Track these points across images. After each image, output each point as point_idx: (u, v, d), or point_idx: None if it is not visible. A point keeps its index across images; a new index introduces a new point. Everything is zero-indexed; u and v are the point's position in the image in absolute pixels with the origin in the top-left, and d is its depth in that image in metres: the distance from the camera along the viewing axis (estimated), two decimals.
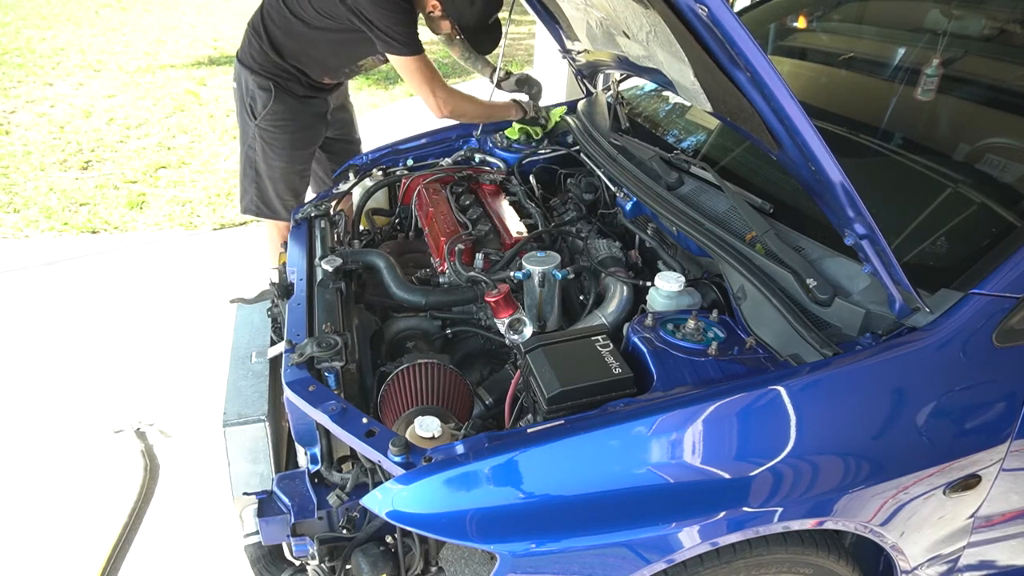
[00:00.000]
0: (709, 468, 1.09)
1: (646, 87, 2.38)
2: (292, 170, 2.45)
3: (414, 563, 1.18)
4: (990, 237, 1.26)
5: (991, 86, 1.72)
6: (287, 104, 2.33)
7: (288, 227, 2.07)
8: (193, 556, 1.99)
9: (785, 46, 2.36)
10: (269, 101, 2.31)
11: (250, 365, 1.56)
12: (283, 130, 2.37)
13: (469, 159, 2.28)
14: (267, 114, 2.34)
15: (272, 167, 2.43)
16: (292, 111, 2.35)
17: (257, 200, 2.49)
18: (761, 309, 1.29)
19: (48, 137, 5.23)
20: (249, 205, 2.51)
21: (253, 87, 2.32)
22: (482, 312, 1.61)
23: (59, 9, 10.35)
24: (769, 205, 1.47)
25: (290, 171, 2.45)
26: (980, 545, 1.37)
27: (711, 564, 1.16)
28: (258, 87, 2.31)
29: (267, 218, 2.54)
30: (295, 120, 2.36)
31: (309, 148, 2.48)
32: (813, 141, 1.03)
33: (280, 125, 2.36)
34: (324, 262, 1.59)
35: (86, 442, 2.37)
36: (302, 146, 2.44)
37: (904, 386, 1.16)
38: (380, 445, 1.11)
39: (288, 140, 2.39)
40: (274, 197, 2.48)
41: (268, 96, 2.31)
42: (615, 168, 1.83)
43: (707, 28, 1.02)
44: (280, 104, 2.32)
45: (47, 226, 3.91)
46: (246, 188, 2.49)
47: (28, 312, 3.12)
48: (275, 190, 2.47)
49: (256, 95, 2.32)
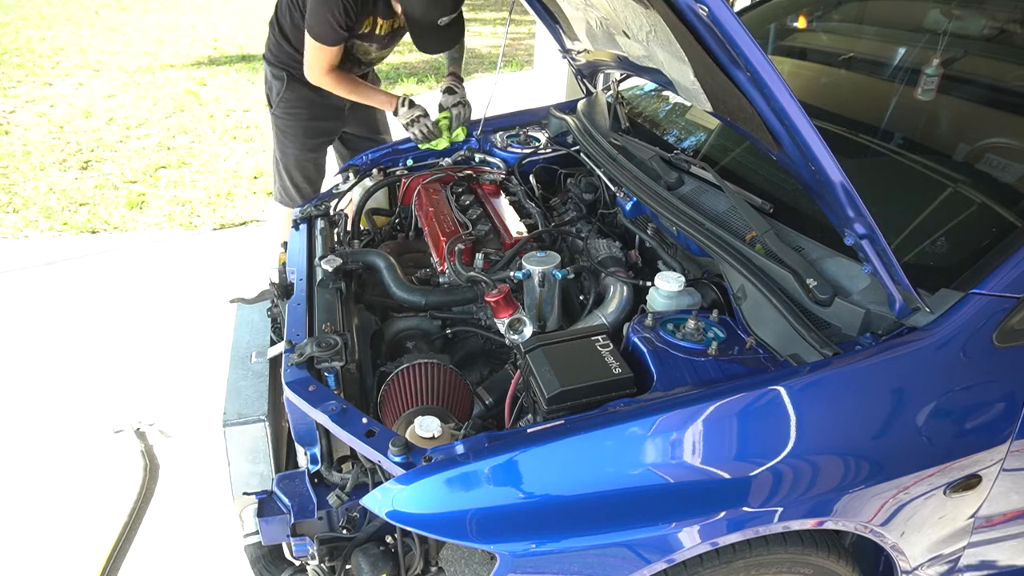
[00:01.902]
0: (709, 468, 1.09)
1: (646, 87, 2.38)
2: (304, 158, 2.58)
3: (414, 563, 1.18)
4: (990, 237, 1.26)
5: (991, 86, 1.72)
6: (299, 93, 2.46)
7: None
8: (193, 556, 1.99)
9: (785, 46, 2.36)
10: (282, 89, 2.47)
11: (250, 365, 1.56)
12: (296, 118, 2.51)
13: (469, 159, 2.28)
14: (280, 101, 2.49)
15: (287, 155, 2.57)
16: (305, 100, 2.48)
17: (281, 190, 2.65)
18: (761, 309, 1.29)
19: (48, 137, 5.23)
20: (277, 193, 2.68)
21: (271, 78, 2.50)
22: (482, 312, 1.61)
23: (59, 9, 10.35)
24: (769, 205, 1.47)
25: (303, 159, 2.58)
26: (980, 545, 1.37)
27: (711, 564, 1.16)
28: (274, 77, 2.49)
29: (289, 207, 2.66)
30: (308, 109, 2.50)
31: (320, 138, 2.59)
32: (813, 141, 1.03)
33: (293, 113, 2.50)
34: (324, 262, 1.59)
35: (86, 442, 2.37)
36: (314, 135, 2.56)
37: (904, 386, 1.16)
38: (380, 445, 1.11)
39: (301, 128, 2.53)
40: (291, 186, 2.62)
41: (281, 84, 2.47)
42: (615, 168, 1.83)
43: (707, 28, 1.02)
44: (292, 92, 2.46)
45: (47, 226, 3.91)
46: (275, 178, 2.66)
47: (28, 312, 3.12)
48: (291, 178, 2.61)
49: (272, 84, 2.50)
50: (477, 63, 8.21)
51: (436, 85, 7.11)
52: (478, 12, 12.17)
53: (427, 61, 8.22)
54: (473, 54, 8.67)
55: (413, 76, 7.41)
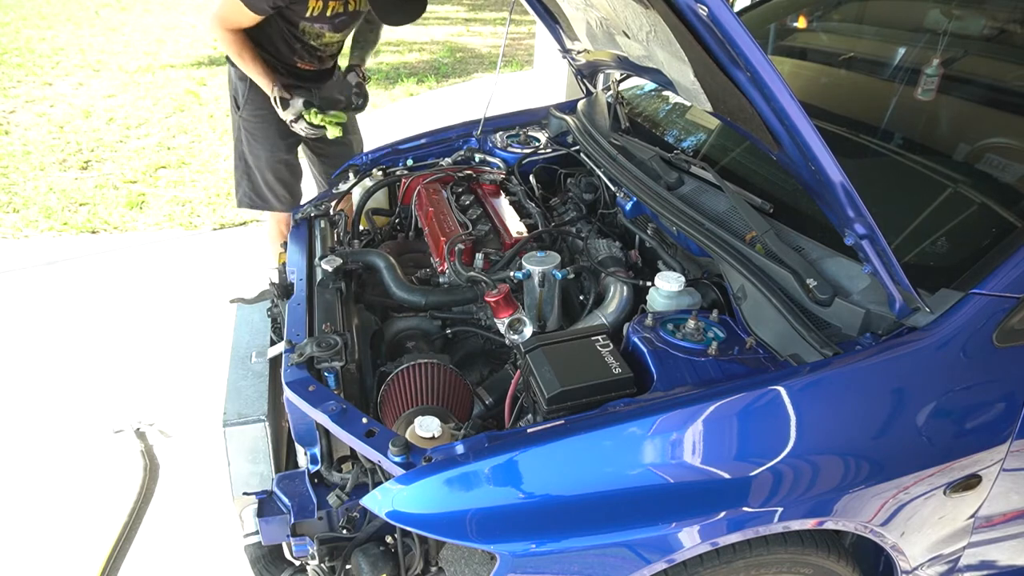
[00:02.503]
0: (709, 468, 1.09)
1: (646, 87, 2.38)
2: (276, 159, 2.51)
3: (414, 563, 1.18)
4: (990, 237, 1.26)
5: (991, 86, 1.72)
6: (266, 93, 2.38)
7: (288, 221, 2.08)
8: (193, 556, 1.99)
9: (785, 46, 2.36)
10: (247, 90, 2.40)
11: (250, 365, 1.56)
12: (264, 119, 2.44)
13: (469, 159, 2.28)
14: (247, 103, 2.42)
15: (258, 157, 2.50)
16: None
17: (250, 192, 2.56)
18: (761, 309, 1.29)
19: (48, 137, 5.23)
20: (243, 198, 2.58)
21: (235, 79, 2.42)
22: (482, 312, 1.61)
23: (59, 9, 10.35)
24: (769, 205, 1.47)
25: (274, 160, 2.51)
26: (980, 545, 1.37)
27: (711, 564, 1.16)
28: (238, 78, 2.40)
29: (261, 209, 2.61)
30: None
31: (291, 139, 2.53)
32: (813, 141, 1.03)
33: (260, 115, 2.43)
34: (324, 262, 1.59)
35: (86, 442, 2.37)
36: (284, 135, 2.50)
37: (904, 386, 1.16)
38: (380, 445, 1.11)
39: (272, 130, 2.46)
40: (264, 188, 2.54)
41: (246, 85, 2.39)
42: (615, 168, 1.83)
43: (707, 28, 1.02)
44: (259, 93, 2.38)
45: (47, 226, 3.91)
46: (239, 181, 2.57)
47: (28, 312, 3.12)
48: (264, 181, 2.53)
49: (238, 86, 2.42)
50: (477, 63, 8.21)
51: (436, 85, 7.11)
52: (478, 12, 12.18)
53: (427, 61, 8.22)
54: (473, 54, 8.67)
55: (413, 76, 7.41)
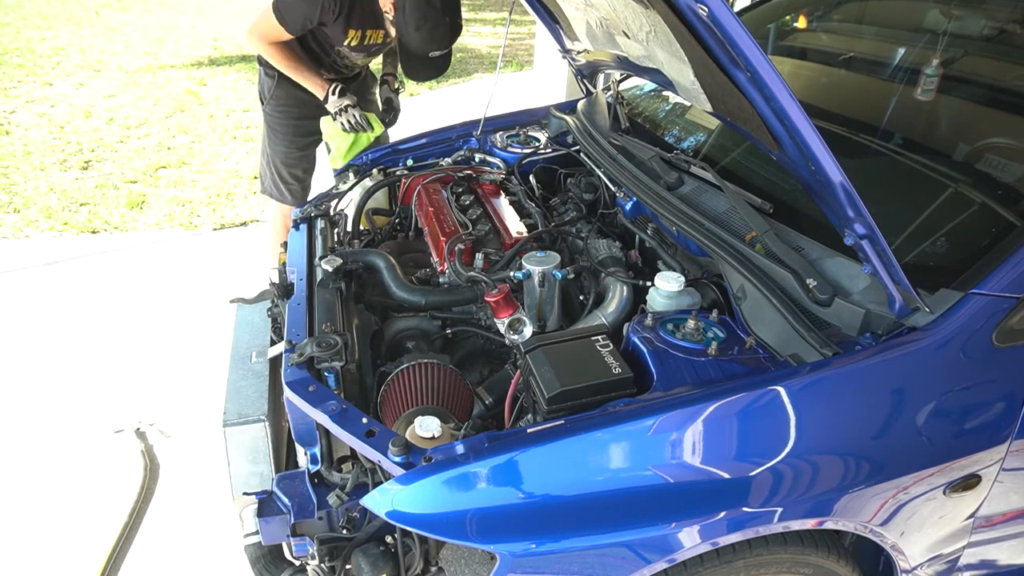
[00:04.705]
0: (709, 468, 1.09)
1: (646, 87, 2.38)
2: (292, 155, 2.65)
3: (414, 563, 1.18)
4: (990, 237, 1.26)
5: (991, 86, 1.72)
6: (290, 92, 2.52)
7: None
8: (193, 556, 1.99)
9: (785, 46, 2.36)
10: (273, 87, 2.54)
11: (250, 365, 1.56)
12: (285, 115, 2.58)
13: (469, 159, 2.28)
14: (271, 99, 2.57)
15: (276, 151, 2.65)
16: (296, 99, 2.54)
17: (271, 183, 2.72)
18: (761, 309, 1.29)
19: (48, 137, 5.23)
20: (266, 187, 2.74)
21: (263, 76, 2.58)
22: (482, 312, 1.61)
23: (59, 9, 10.34)
24: (769, 205, 1.47)
25: (290, 156, 2.65)
26: (980, 545, 1.37)
27: (711, 564, 1.16)
28: (266, 75, 2.56)
29: (277, 200, 2.75)
30: (298, 108, 2.56)
31: (309, 137, 2.65)
32: (813, 141, 1.03)
33: (283, 111, 2.58)
34: (324, 262, 1.59)
35: (86, 442, 2.37)
36: (303, 133, 2.63)
37: (904, 386, 1.16)
38: (380, 445, 1.11)
39: (291, 127, 2.60)
40: (279, 181, 2.69)
41: (272, 82, 2.54)
42: (615, 168, 1.83)
43: (707, 28, 1.02)
44: (283, 90, 2.53)
45: (47, 226, 3.91)
46: (264, 171, 2.73)
47: (28, 312, 3.12)
48: (279, 174, 2.68)
49: (264, 82, 2.58)
50: (477, 63, 8.20)
51: (436, 85, 7.11)
52: (478, 12, 12.17)
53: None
54: (473, 54, 8.66)
55: None
